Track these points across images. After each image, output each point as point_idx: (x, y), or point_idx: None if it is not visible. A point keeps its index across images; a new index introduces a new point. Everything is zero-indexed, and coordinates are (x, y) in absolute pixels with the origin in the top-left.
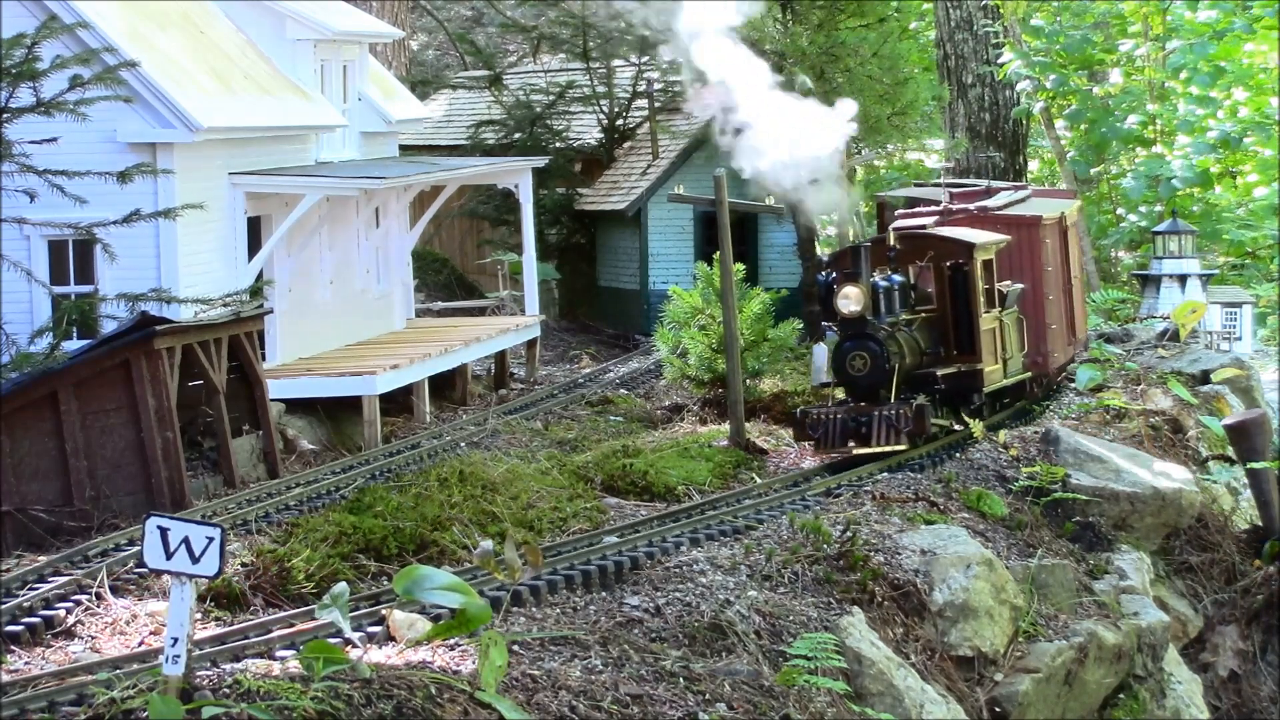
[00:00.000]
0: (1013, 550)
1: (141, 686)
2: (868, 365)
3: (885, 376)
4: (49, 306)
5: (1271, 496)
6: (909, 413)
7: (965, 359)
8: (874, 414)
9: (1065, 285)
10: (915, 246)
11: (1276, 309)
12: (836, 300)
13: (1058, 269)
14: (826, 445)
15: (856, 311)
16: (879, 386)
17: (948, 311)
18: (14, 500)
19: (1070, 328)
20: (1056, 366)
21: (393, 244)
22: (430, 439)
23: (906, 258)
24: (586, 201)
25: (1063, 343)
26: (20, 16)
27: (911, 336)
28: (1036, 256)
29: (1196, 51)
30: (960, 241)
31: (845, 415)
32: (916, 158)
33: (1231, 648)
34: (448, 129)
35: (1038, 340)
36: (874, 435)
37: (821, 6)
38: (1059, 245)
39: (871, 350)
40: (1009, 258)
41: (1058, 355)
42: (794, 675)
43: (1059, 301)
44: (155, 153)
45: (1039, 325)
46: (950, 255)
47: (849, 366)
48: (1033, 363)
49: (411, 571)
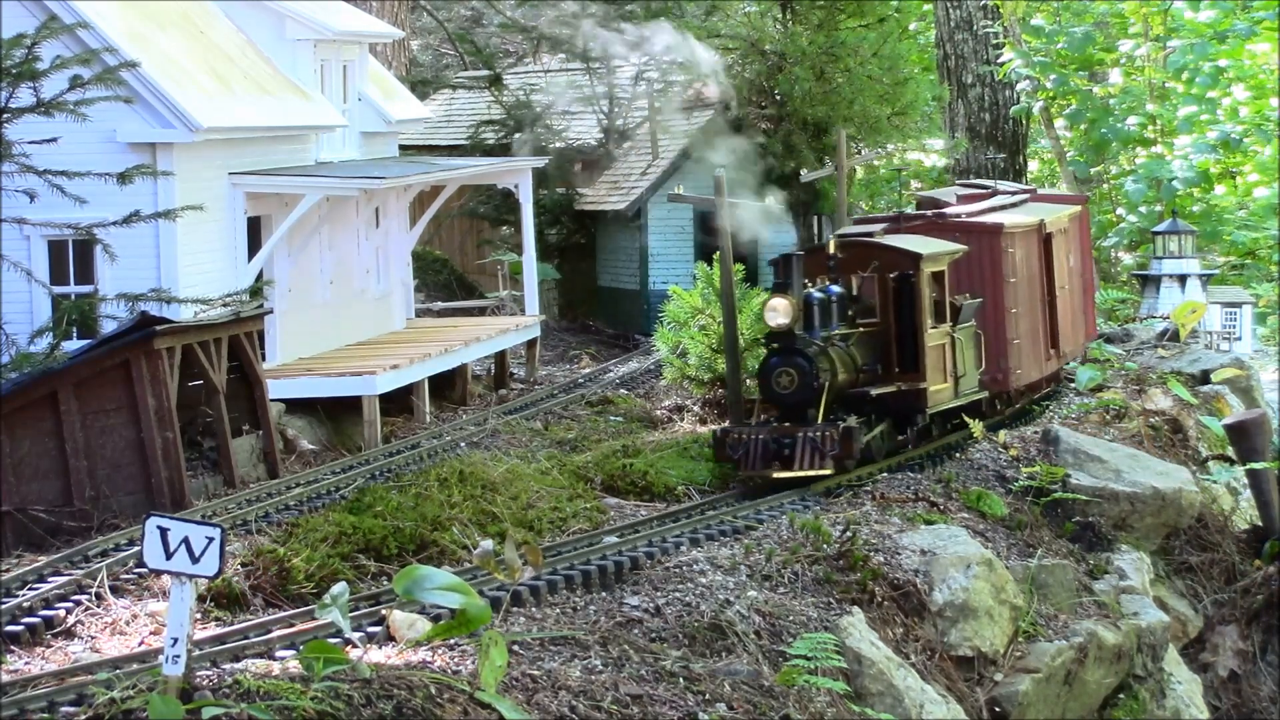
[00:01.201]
0: (1013, 550)
1: (141, 686)
2: (794, 382)
3: (813, 395)
4: (49, 306)
5: (1271, 496)
6: (835, 435)
7: (908, 377)
8: (798, 435)
9: (1045, 297)
10: (859, 255)
11: (1276, 309)
12: (764, 312)
13: (1031, 280)
14: (746, 467)
15: (784, 325)
16: (807, 405)
17: (891, 326)
18: (14, 500)
19: (1049, 343)
20: (1022, 384)
21: (393, 244)
22: (430, 439)
23: (849, 267)
24: (586, 201)
25: (1035, 359)
26: (20, 16)
27: (847, 352)
28: (997, 267)
29: (1196, 52)
30: (906, 251)
31: (768, 436)
32: (916, 157)
33: (1231, 648)
34: (448, 129)
35: (997, 356)
36: (797, 458)
37: (821, 6)
38: (1033, 254)
39: (799, 366)
40: (967, 268)
41: (1021, 372)
42: (794, 675)
43: (1030, 315)
44: (155, 153)
45: (999, 341)
46: (896, 266)
47: (774, 383)
48: (991, 380)
49: (411, 571)
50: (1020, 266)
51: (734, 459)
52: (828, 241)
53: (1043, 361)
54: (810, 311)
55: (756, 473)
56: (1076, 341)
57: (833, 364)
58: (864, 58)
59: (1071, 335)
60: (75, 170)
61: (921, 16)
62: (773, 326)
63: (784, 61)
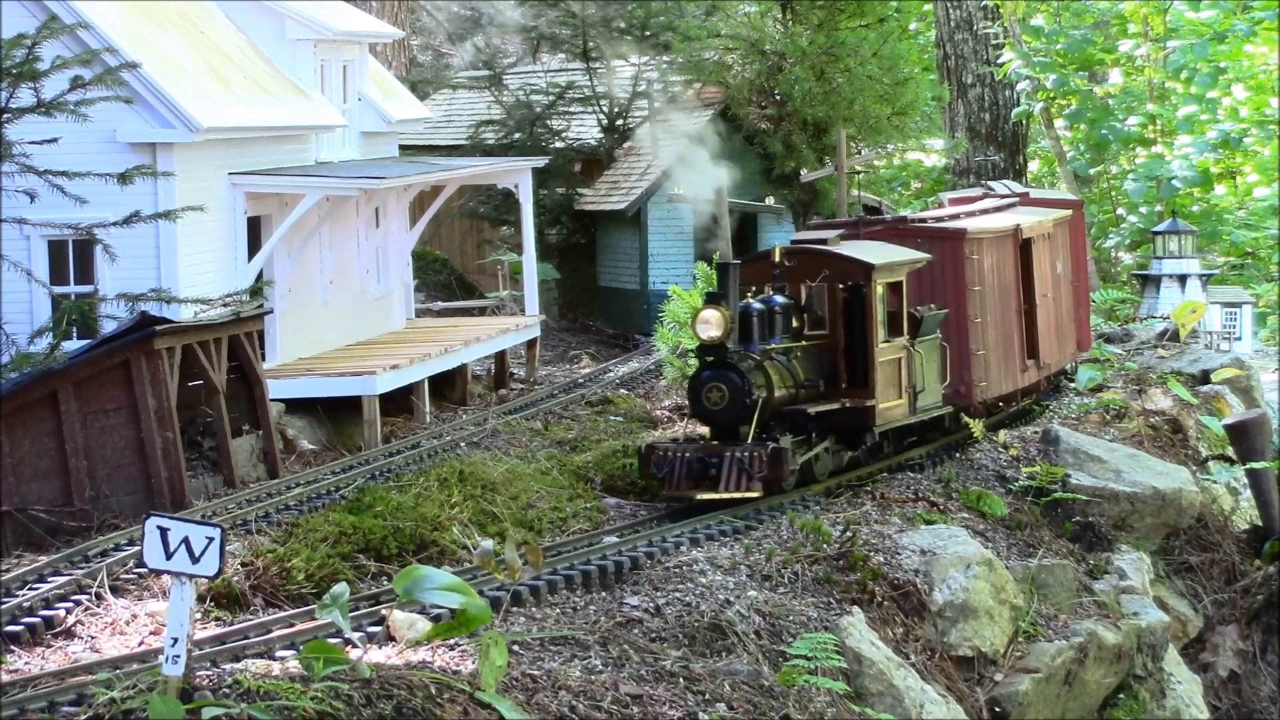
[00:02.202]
0: (1013, 550)
1: (141, 686)
2: (725, 399)
3: (746, 412)
4: (49, 306)
5: (1271, 496)
6: (763, 456)
7: (857, 393)
8: (724, 455)
9: (1021, 306)
10: (808, 264)
11: (1276, 309)
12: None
13: (1003, 288)
14: (670, 487)
15: (716, 338)
16: (739, 423)
17: (840, 339)
18: (14, 500)
19: (1026, 353)
20: (989, 398)
21: (393, 244)
22: (430, 439)
23: (797, 276)
24: (586, 201)
25: (1007, 371)
26: (20, 16)
27: (787, 366)
28: (959, 274)
29: (1196, 52)
30: (857, 261)
31: (693, 454)
32: (916, 157)
33: (1231, 648)
34: (448, 129)
35: (960, 369)
36: (722, 479)
37: (821, 6)
38: (1007, 261)
39: (731, 382)
40: (929, 276)
41: (987, 385)
42: (794, 675)
43: (1001, 325)
44: (155, 153)
45: (962, 352)
46: (847, 275)
47: (704, 399)
48: (955, 393)
49: (411, 571)
50: (988, 274)
51: (659, 477)
52: (773, 248)
53: (1017, 374)
54: (749, 323)
55: (680, 493)
56: (1063, 352)
57: (769, 379)
58: (864, 58)
59: (1055, 346)
60: (75, 170)
61: (921, 16)
62: (703, 339)
63: (784, 61)
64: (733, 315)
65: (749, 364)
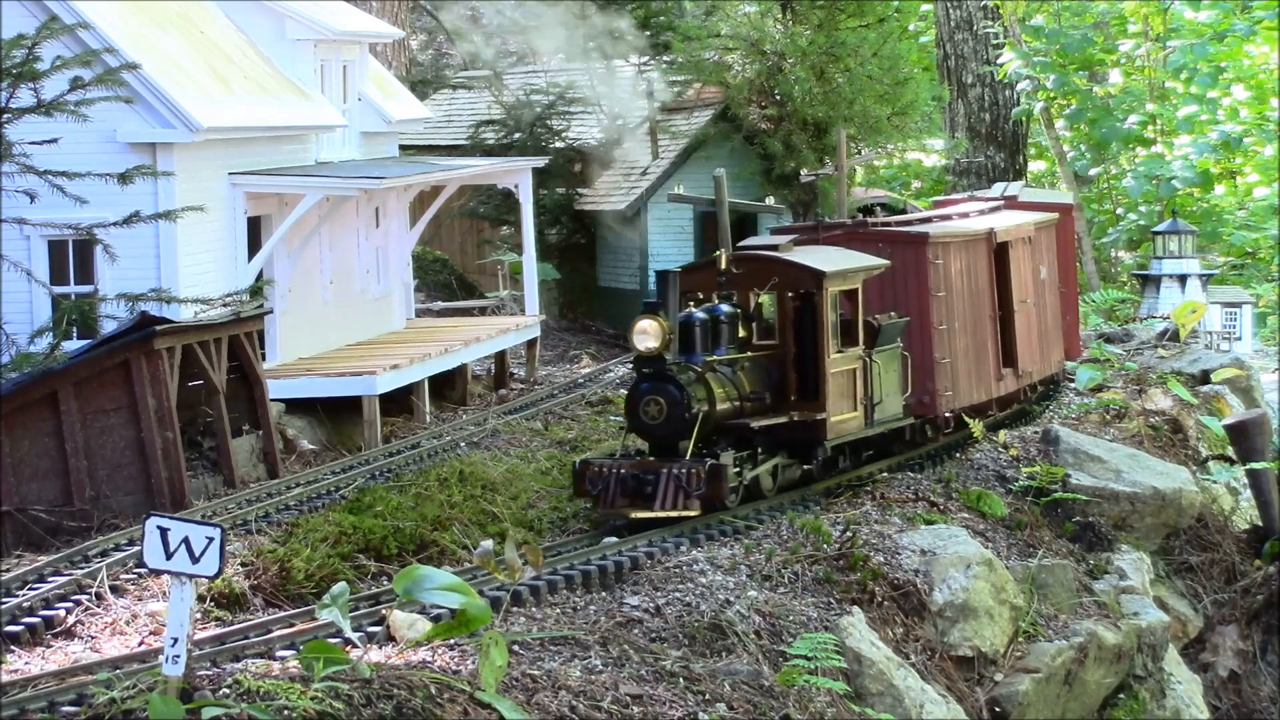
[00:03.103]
0: (1013, 550)
1: (141, 686)
2: (664, 413)
3: (685, 426)
4: (49, 306)
5: (1271, 496)
6: (701, 473)
7: (807, 406)
8: (660, 472)
9: (995, 312)
10: (758, 271)
11: (1276, 309)
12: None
13: (973, 293)
14: (604, 505)
15: (653, 349)
16: (678, 438)
17: (790, 349)
18: (14, 500)
19: (1001, 362)
20: (956, 409)
21: (393, 244)
22: (430, 439)
23: (746, 283)
24: (586, 201)
25: (978, 380)
26: (20, 17)
27: (732, 378)
28: (922, 280)
29: (1196, 52)
30: (807, 268)
31: (629, 471)
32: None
33: (1231, 648)
34: (448, 129)
35: (923, 379)
36: (658, 497)
37: (821, 6)
38: (978, 266)
39: (670, 395)
40: (891, 282)
41: (953, 395)
42: (794, 675)
43: (971, 332)
44: (155, 153)
45: (925, 361)
46: (797, 283)
47: (642, 413)
48: (919, 403)
49: (411, 571)
50: (955, 279)
51: (593, 495)
52: (718, 255)
53: (990, 383)
54: (690, 333)
55: (615, 511)
56: (1047, 360)
57: (710, 392)
58: (864, 58)
59: (1037, 354)
60: (75, 170)
61: (921, 16)
62: (641, 350)
63: (784, 61)
64: (672, 325)
65: (689, 376)
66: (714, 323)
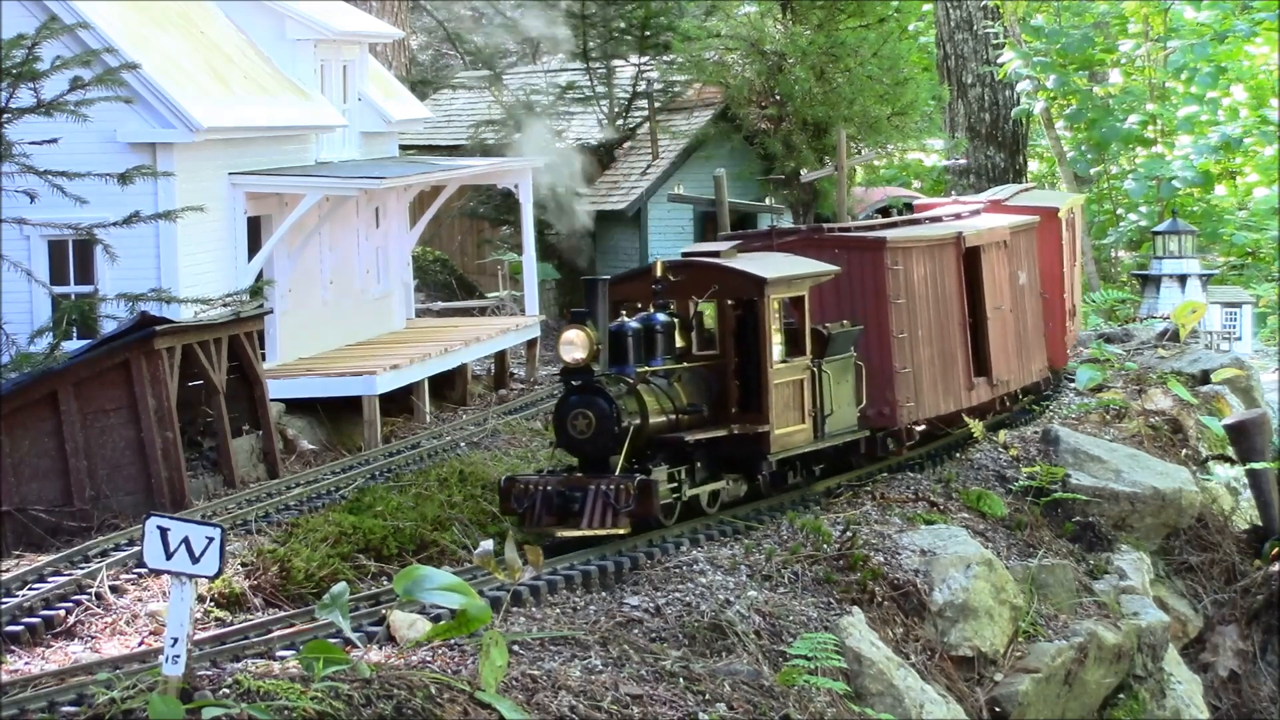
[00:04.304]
0: (1013, 550)
1: (141, 686)
2: (592, 427)
3: (615, 441)
4: (49, 306)
5: (1271, 496)
6: (630, 489)
7: (749, 419)
8: (588, 488)
9: (964, 319)
10: (698, 279)
11: (1276, 309)
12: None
13: (938, 300)
14: (530, 523)
15: (580, 360)
16: (608, 453)
17: (731, 360)
18: (14, 500)
19: (973, 371)
20: (920, 420)
21: (393, 244)
22: (430, 439)
23: (685, 291)
24: (586, 201)
25: (946, 390)
26: (20, 16)
27: (667, 390)
28: (880, 286)
29: (1196, 52)
30: (748, 275)
31: (555, 487)
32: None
33: (1231, 648)
34: (448, 129)
35: (882, 389)
36: (585, 514)
37: (821, 6)
38: (946, 271)
39: (598, 409)
40: (848, 288)
41: (915, 406)
42: (794, 675)
43: (936, 341)
44: (155, 153)
45: (883, 370)
46: (738, 291)
47: (570, 427)
48: (878, 414)
49: (411, 571)
50: (917, 285)
51: (518, 513)
52: (654, 263)
53: (960, 392)
54: (622, 344)
55: (541, 529)
56: (1026, 369)
57: (642, 405)
58: (864, 58)
59: (1016, 362)
60: (75, 170)
61: (921, 16)
62: (568, 362)
63: (784, 61)
64: (600, 335)
65: (620, 388)
66: (648, 332)
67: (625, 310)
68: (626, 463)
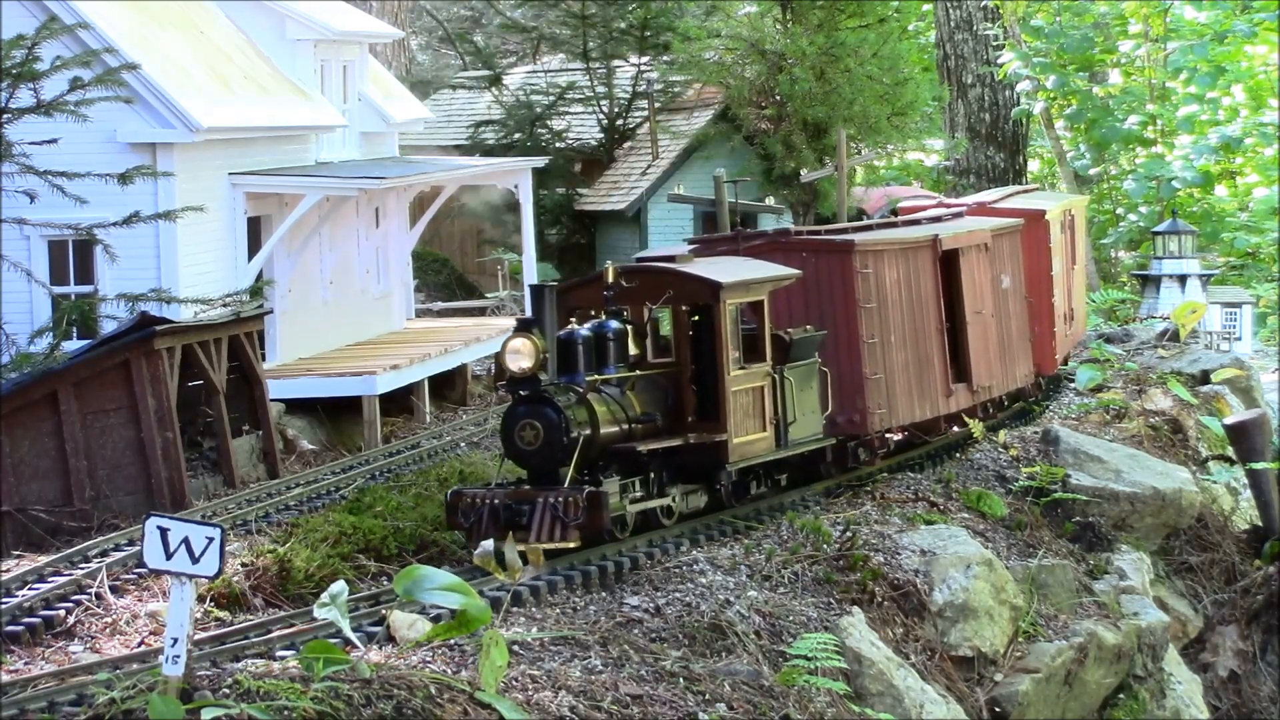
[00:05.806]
0: (1013, 550)
1: (141, 686)
2: (540, 438)
3: (564, 452)
4: (49, 306)
5: (1271, 496)
6: (580, 501)
7: (706, 427)
8: (536, 501)
9: (941, 324)
10: (652, 284)
11: (1276, 309)
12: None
13: (912, 304)
14: (477, 538)
15: (527, 369)
16: (557, 464)
17: (687, 367)
18: (14, 500)
19: (951, 377)
20: (894, 426)
21: (393, 244)
22: (430, 439)
23: (639, 297)
24: (586, 201)
25: (921, 396)
26: (20, 17)
27: (620, 399)
28: (849, 290)
29: (1196, 52)
30: (703, 280)
31: (502, 501)
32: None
33: (1231, 648)
34: (448, 129)
35: (852, 395)
36: (534, 528)
37: (821, 6)
38: (921, 275)
39: (546, 419)
40: (816, 293)
41: (886, 412)
42: (794, 675)
43: (910, 346)
44: (155, 153)
45: (852, 376)
46: (693, 296)
47: (517, 438)
48: (849, 421)
49: (411, 571)
50: (890, 289)
51: (465, 527)
52: (606, 268)
53: (937, 399)
54: (571, 352)
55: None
56: (1010, 374)
57: (593, 415)
58: (864, 58)
59: (998, 367)
60: (75, 171)
61: (921, 16)
62: (514, 371)
63: (784, 62)
64: (548, 344)
65: (569, 398)
66: (600, 340)
67: (577, 318)
68: (577, 474)
